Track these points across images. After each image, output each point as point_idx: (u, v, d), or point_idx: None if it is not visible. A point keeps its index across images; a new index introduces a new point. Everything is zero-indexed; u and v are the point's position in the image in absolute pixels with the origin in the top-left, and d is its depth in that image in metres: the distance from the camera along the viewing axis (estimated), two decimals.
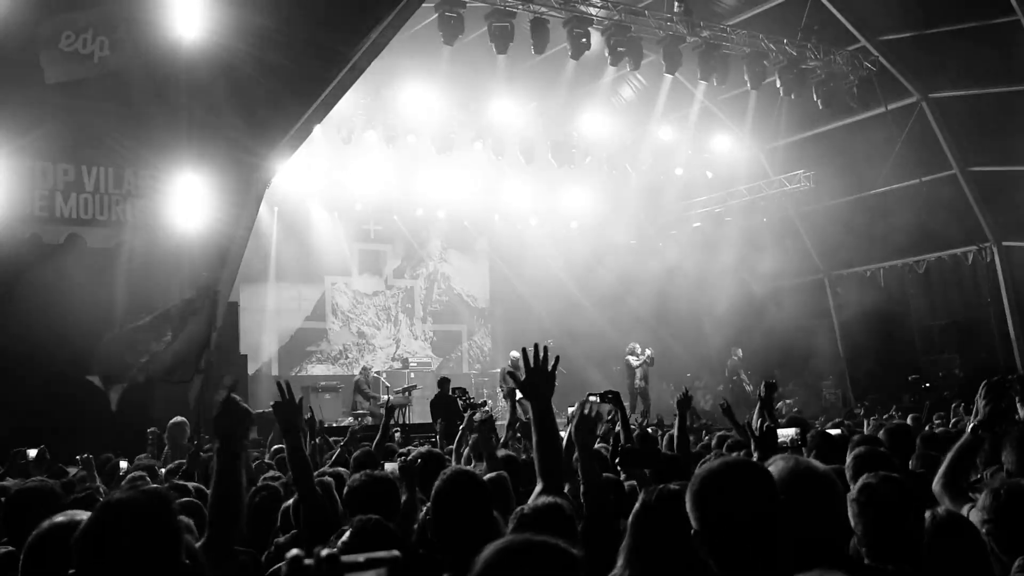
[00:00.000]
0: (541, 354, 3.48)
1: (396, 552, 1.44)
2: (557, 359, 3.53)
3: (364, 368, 18.54)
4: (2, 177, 10.99)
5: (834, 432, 6.68)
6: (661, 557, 2.80)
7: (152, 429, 9.36)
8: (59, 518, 2.71)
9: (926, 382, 17.26)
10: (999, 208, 17.27)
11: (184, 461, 6.80)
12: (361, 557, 1.41)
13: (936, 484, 3.89)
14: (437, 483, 3.41)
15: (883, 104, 17.18)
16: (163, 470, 6.97)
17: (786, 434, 5.81)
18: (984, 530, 3.26)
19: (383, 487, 4.02)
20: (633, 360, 18.29)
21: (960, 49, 15.37)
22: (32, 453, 6.54)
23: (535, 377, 3.49)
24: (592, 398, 5.52)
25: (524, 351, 3.53)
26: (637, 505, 2.93)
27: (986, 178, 17.21)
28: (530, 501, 3.43)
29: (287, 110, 12.22)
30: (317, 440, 7.21)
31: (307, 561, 1.41)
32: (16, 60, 11.01)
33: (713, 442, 7.19)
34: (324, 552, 1.40)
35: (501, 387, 17.68)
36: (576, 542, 2.68)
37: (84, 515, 2.46)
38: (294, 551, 1.44)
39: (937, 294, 18.79)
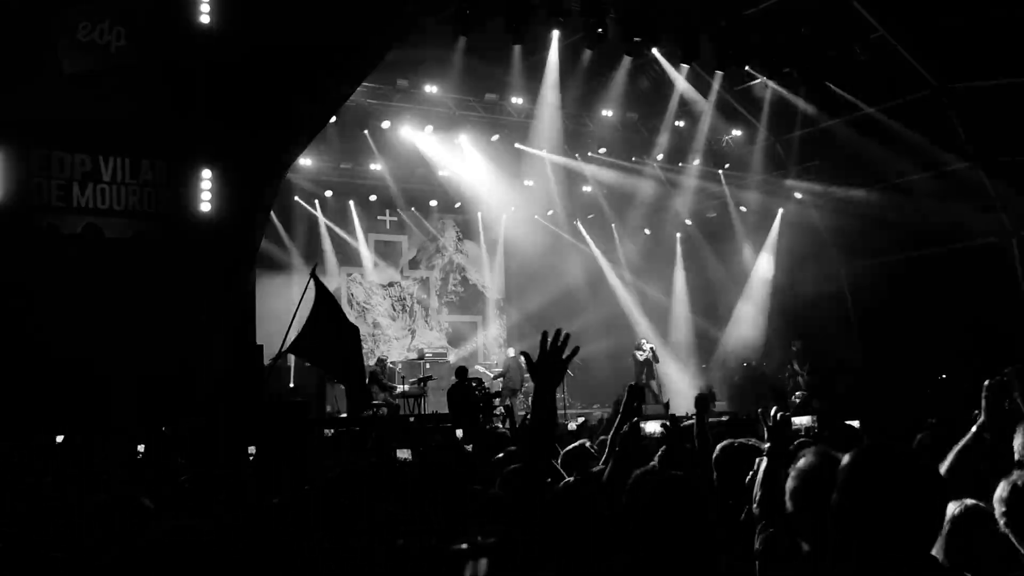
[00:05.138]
0: (560, 340, 3.40)
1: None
2: (576, 349, 3.45)
3: (380, 359, 18.61)
4: (20, 167, 11.04)
5: (854, 423, 6.68)
6: (663, 541, 2.80)
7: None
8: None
9: (943, 374, 17.14)
10: (1019, 199, 17.12)
11: None
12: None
13: None
14: None
15: (901, 94, 17.04)
16: None
17: (800, 423, 5.81)
18: (1002, 522, 3.22)
19: None
20: (639, 355, 18.74)
21: (980, 39, 15.21)
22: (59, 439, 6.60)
23: (548, 362, 3.37)
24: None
25: (544, 334, 3.44)
26: (647, 493, 2.93)
27: (1005, 169, 17.04)
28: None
29: (303, 100, 12.21)
30: None
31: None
32: (34, 50, 11.05)
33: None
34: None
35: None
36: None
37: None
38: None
39: (955, 286, 18.62)
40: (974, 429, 3.92)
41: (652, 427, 7.71)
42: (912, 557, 2.24)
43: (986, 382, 3.97)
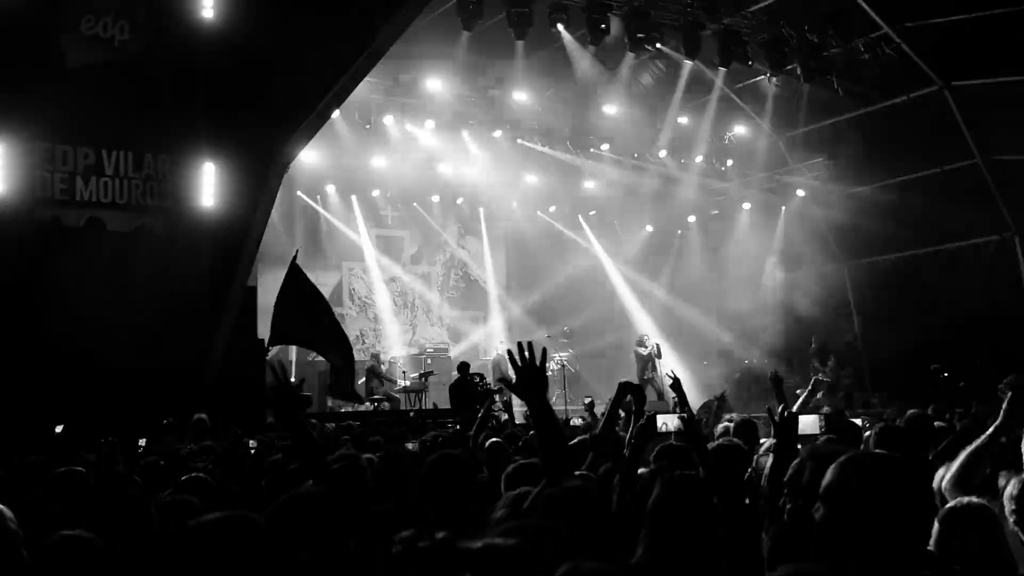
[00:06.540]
0: (527, 352, 3.40)
1: None
2: (544, 352, 3.44)
3: (374, 354, 18.62)
4: (24, 160, 11.04)
5: (857, 421, 6.73)
6: (681, 543, 2.80)
7: (169, 420, 9.41)
8: None
9: (945, 371, 17.10)
10: (1022, 197, 17.10)
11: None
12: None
13: (947, 482, 3.83)
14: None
15: (904, 92, 17.01)
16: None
17: (806, 422, 5.82)
18: (1012, 520, 3.21)
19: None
20: (642, 351, 18.63)
21: (983, 37, 15.17)
22: (59, 428, 6.62)
23: (525, 376, 3.41)
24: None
25: (509, 352, 3.45)
26: (656, 491, 2.92)
27: (1008, 167, 17.03)
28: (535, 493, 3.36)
29: (306, 95, 12.21)
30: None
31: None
32: (37, 44, 11.05)
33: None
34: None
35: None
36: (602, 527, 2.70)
37: None
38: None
39: (958, 284, 18.61)
40: (990, 431, 3.91)
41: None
42: (909, 554, 2.24)
43: (1007, 382, 3.95)
